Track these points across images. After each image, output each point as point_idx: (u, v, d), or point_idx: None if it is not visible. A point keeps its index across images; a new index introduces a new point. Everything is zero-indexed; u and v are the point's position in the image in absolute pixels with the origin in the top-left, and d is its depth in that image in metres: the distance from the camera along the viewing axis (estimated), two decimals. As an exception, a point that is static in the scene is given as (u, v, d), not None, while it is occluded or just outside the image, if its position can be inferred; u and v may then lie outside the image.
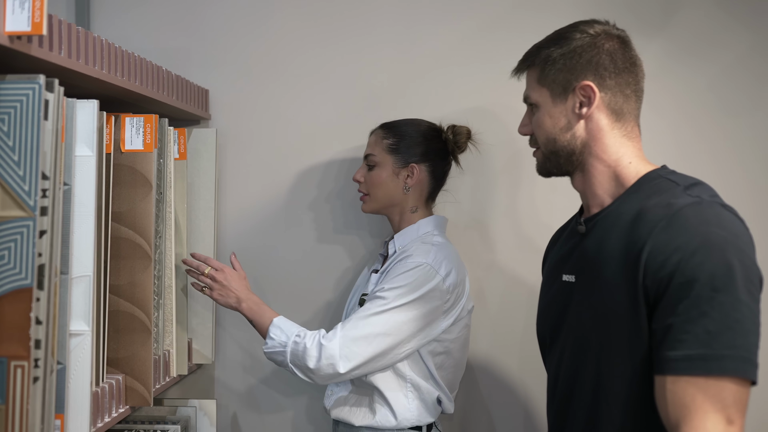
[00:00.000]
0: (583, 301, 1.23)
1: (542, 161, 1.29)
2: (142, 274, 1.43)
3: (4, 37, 1.01)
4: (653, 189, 1.21)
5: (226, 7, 1.92)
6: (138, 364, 1.43)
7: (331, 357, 1.48)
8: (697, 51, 1.81)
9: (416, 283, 1.52)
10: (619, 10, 1.81)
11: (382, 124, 1.72)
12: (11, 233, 1.01)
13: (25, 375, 1.01)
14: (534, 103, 1.26)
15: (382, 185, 1.66)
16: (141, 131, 1.42)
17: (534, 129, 1.28)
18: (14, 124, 1.02)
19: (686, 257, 1.09)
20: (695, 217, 1.12)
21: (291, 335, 1.53)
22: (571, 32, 1.25)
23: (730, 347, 1.05)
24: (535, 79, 1.25)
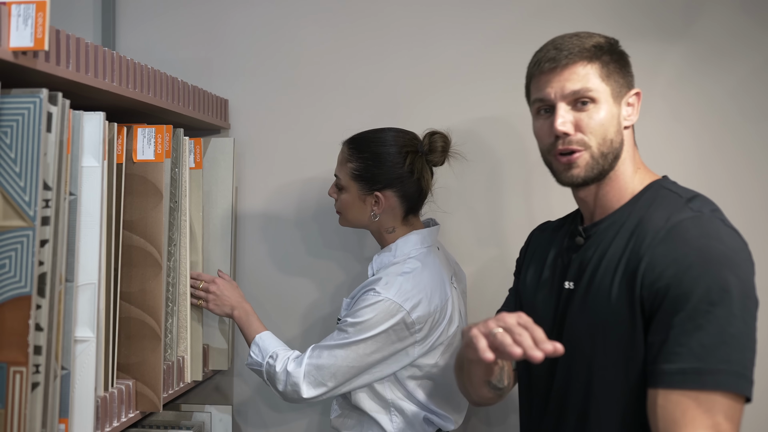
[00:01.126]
0: (580, 309, 1.21)
1: (591, 164, 1.20)
2: (153, 282, 1.45)
3: (8, 53, 1.05)
4: (655, 200, 1.21)
5: (246, 19, 1.95)
6: (148, 369, 1.46)
7: (294, 384, 1.52)
8: (717, 57, 1.76)
9: (377, 319, 1.48)
10: (637, 16, 1.79)
11: (350, 141, 1.62)
12: (12, 242, 1.04)
13: (23, 380, 1.04)
14: (593, 98, 1.18)
15: (350, 209, 1.61)
16: (152, 141, 1.45)
17: (591, 126, 1.18)
18: (16, 137, 1.05)
19: (683, 270, 1.08)
20: (695, 230, 1.11)
21: (266, 356, 1.58)
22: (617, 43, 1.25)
23: (725, 362, 1.03)
24: (597, 74, 1.19)
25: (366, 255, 1.92)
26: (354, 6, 1.91)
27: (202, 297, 1.68)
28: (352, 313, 1.51)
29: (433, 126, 1.68)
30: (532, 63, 1.26)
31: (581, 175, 1.21)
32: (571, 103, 1.20)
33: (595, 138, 1.19)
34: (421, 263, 1.55)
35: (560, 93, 1.20)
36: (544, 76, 1.22)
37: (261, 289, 1.95)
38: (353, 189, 1.59)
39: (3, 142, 1.05)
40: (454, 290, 1.61)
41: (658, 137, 1.78)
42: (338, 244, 1.94)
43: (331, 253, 1.94)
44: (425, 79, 1.89)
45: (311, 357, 1.52)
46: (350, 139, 1.63)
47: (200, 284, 1.68)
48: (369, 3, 1.90)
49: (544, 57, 1.22)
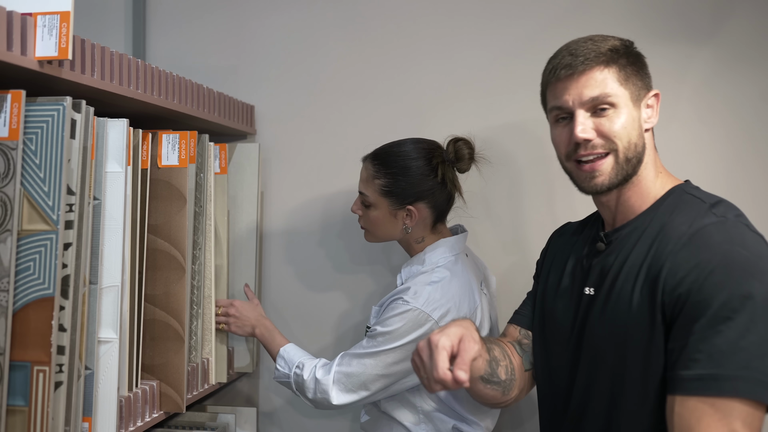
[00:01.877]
0: (600, 315, 1.20)
1: (615, 169, 1.18)
2: (177, 285, 1.48)
3: (33, 62, 1.08)
4: (678, 205, 1.19)
5: (272, 26, 1.98)
6: (172, 371, 1.48)
7: (324, 392, 1.53)
8: (745, 61, 1.73)
9: (405, 328, 1.48)
10: (663, 19, 1.77)
11: (374, 156, 1.60)
12: (36, 246, 1.07)
13: (47, 379, 1.07)
14: (612, 103, 1.17)
15: (380, 226, 1.59)
16: (176, 147, 1.48)
17: (614, 131, 1.17)
18: (41, 143, 1.09)
19: (705, 275, 1.07)
20: (718, 235, 1.10)
21: (292, 367, 1.59)
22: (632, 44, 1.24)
23: (745, 368, 1.01)
24: (615, 79, 1.17)
25: (394, 261, 1.93)
26: (378, 15, 1.92)
27: (222, 321, 1.71)
28: (381, 321, 1.52)
29: (456, 133, 1.68)
30: (547, 70, 1.24)
31: (605, 182, 1.19)
32: (590, 109, 1.18)
33: (621, 142, 1.17)
34: (450, 272, 1.54)
35: (578, 100, 1.18)
36: (560, 83, 1.20)
37: (287, 294, 1.97)
38: (383, 205, 1.57)
39: (28, 148, 1.09)
40: (484, 296, 1.61)
41: (685, 141, 1.76)
42: (366, 250, 1.94)
43: (359, 259, 1.95)
44: (448, 87, 1.89)
45: (340, 364, 1.53)
46: (373, 155, 1.61)
47: (219, 310, 1.71)
48: (393, 12, 1.91)
49: (559, 64, 1.20)
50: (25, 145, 1.09)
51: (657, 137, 1.75)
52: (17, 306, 1.07)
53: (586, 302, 1.24)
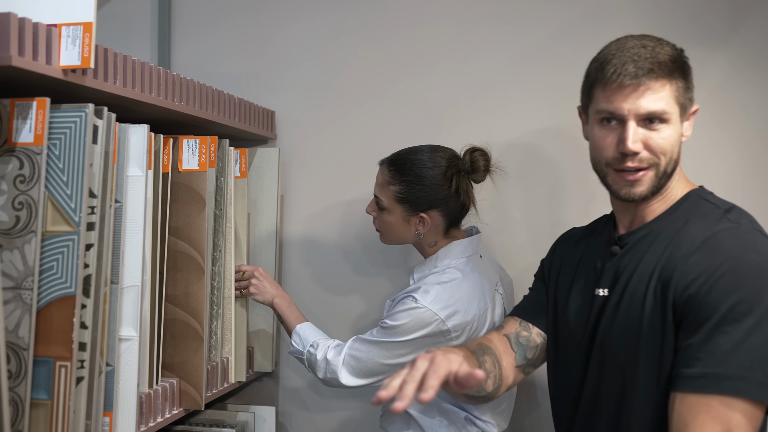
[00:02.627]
0: (613, 316, 1.22)
1: (654, 182, 1.19)
2: (196, 285, 1.53)
3: (58, 71, 1.13)
4: (693, 210, 1.21)
5: (293, 33, 2.02)
6: (191, 369, 1.53)
7: (333, 372, 1.59)
8: (763, 64, 1.72)
9: (411, 326, 1.52)
10: (681, 22, 1.77)
11: (391, 161, 1.62)
12: (59, 246, 1.12)
13: (68, 374, 1.12)
14: (667, 119, 1.16)
15: (393, 230, 1.63)
16: (197, 152, 1.53)
17: (662, 146, 1.16)
18: (64, 148, 1.14)
19: (716, 278, 1.08)
20: (731, 240, 1.12)
21: (306, 345, 1.65)
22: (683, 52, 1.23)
23: (748, 369, 1.03)
24: (672, 94, 1.16)
25: (412, 264, 1.96)
26: (397, 21, 1.95)
27: (243, 286, 1.75)
28: (390, 315, 1.56)
29: (473, 138, 1.70)
30: (604, 70, 1.18)
31: (644, 192, 1.20)
32: (642, 120, 1.17)
33: (665, 158, 1.18)
34: (461, 273, 1.57)
35: (635, 111, 1.16)
36: (619, 88, 1.16)
37: (306, 295, 2.01)
38: (397, 211, 1.60)
39: (52, 153, 1.14)
40: (499, 296, 1.63)
41: (701, 145, 1.75)
42: (384, 253, 1.97)
43: (377, 262, 1.98)
44: (466, 91, 1.91)
45: (351, 348, 1.59)
46: (390, 161, 1.63)
47: (242, 274, 1.75)
48: (411, 17, 1.94)
49: (623, 70, 1.16)
50: (50, 150, 1.14)
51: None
52: (41, 304, 1.12)
53: (600, 303, 1.26)
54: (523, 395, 1.87)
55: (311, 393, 2.02)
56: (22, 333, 1.09)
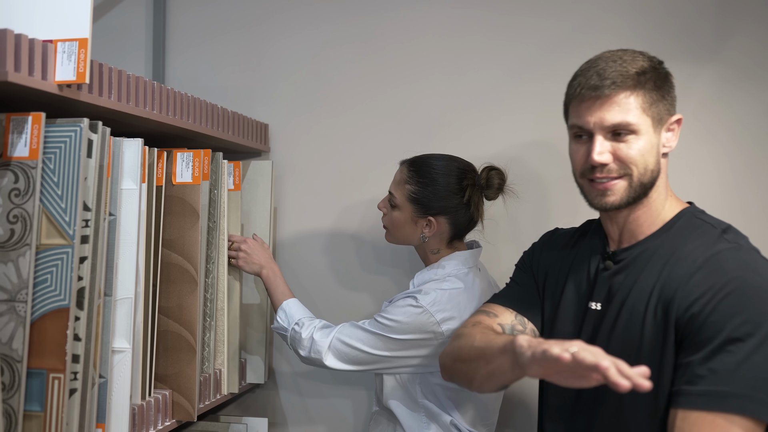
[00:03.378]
0: (611, 332, 1.23)
1: (628, 191, 1.20)
2: (189, 297, 1.54)
3: (53, 86, 1.15)
4: (689, 229, 1.22)
5: (285, 47, 2.05)
6: (184, 380, 1.54)
7: (318, 352, 1.61)
8: (749, 79, 1.75)
9: (408, 326, 1.54)
10: (668, 38, 1.80)
11: (411, 162, 1.66)
12: (53, 259, 1.13)
13: (61, 386, 1.13)
14: (634, 130, 1.17)
15: (400, 228, 1.66)
16: (190, 165, 1.54)
17: (631, 157, 1.18)
18: (59, 162, 1.15)
19: (720, 298, 1.10)
20: (733, 261, 1.14)
21: (291, 323, 1.67)
22: (661, 65, 1.24)
23: (752, 388, 1.05)
24: (639, 105, 1.17)
25: (406, 278, 1.97)
26: (388, 34, 1.98)
27: (233, 256, 1.76)
28: (388, 310, 1.59)
29: (465, 150, 1.73)
30: (573, 85, 1.23)
31: (616, 202, 1.21)
32: (609, 133, 1.18)
33: (637, 168, 1.18)
34: (463, 282, 1.60)
35: (600, 124, 1.18)
36: (584, 103, 1.20)
37: (298, 306, 2.02)
38: (407, 210, 1.64)
39: (47, 167, 1.15)
40: None
41: (689, 159, 1.78)
42: (378, 265, 1.99)
43: (371, 275, 2.00)
44: (457, 104, 1.94)
45: (341, 333, 1.61)
46: (411, 162, 1.66)
47: (232, 245, 1.76)
48: (404, 31, 1.97)
49: (586, 83, 1.19)
50: (44, 164, 1.15)
51: (661, 155, 1.79)
52: (35, 316, 1.13)
53: (594, 317, 1.26)
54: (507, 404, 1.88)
55: (304, 405, 2.02)
56: (16, 345, 1.10)
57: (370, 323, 1.60)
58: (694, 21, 1.79)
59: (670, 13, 1.81)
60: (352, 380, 1.99)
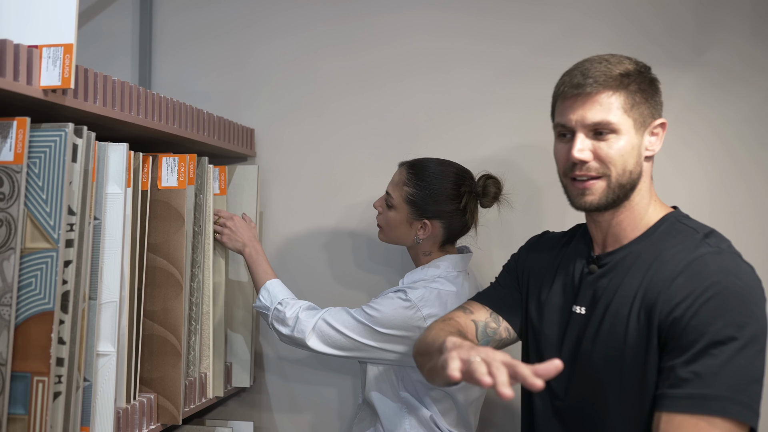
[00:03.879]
0: (595, 336, 1.24)
1: (607, 192, 1.21)
2: (174, 301, 1.55)
3: (38, 91, 1.16)
4: (672, 233, 1.23)
5: (270, 52, 2.06)
6: (169, 384, 1.54)
7: (302, 332, 1.61)
8: (729, 84, 1.78)
9: (393, 318, 1.56)
10: (649, 45, 1.83)
11: (411, 164, 1.68)
12: (37, 263, 1.14)
13: (46, 389, 1.13)
14: (615, 130, 1.19)
15: (394, 228, 1.67)
16: (176, 170, 1.55)
17: (610, 156, 1.19)
18: (44, 167, 1.16)
19: (702, 302, 1.12)
20: (714, 265, 1.15)
21: (274, 302, 1.67)
22: (648, 70, 1.26)
23: (734, 391, 1.07)
24: (620, 105, 1.19)
25: (392, 280, 1.99)
26: (373, 37, 2.00)
27: (218, 231, 1.77)
28: (377, 301, 1.60)
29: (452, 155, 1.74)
30: (558, 84, 1.26)
31: (595, 202, 1.22)
32: (591, 131, 1.20)
33: (615, 168, 1.20)
34: (453, 285, 1.62)
35: (581, 122, 1.20)
36: (568, 101, 1.22)
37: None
38: (403, 211, 1.65)
39: (32, 171, 1.16)
40: None
41: (670, 163, 1.81)
42: (363, 267, 2.01)
43: (356, 279, 2.01)
44: (443, 108, 1.96)
45: (328, 315, 1.62)
46: (411, 164, 1.68)
47: (218, 220, 1.77)
48: (388, 34, 1.99)
49: (570, 82, 1.22)
50: (29, 169, 1.16)
51: (642, 160, 1.81)
52: (19, 320, 1.14)
53: (578, 321, 1.27)
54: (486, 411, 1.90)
55: (289, 408, 2.03)
56: (0, 348, 1.10)
57: (357, 311, 1.61)
58: (675, 27, 1.82)
59: (652, 19, 1.84)
60: (338, 384, 2.01)
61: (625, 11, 1.85)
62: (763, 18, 1.78)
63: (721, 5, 1.80)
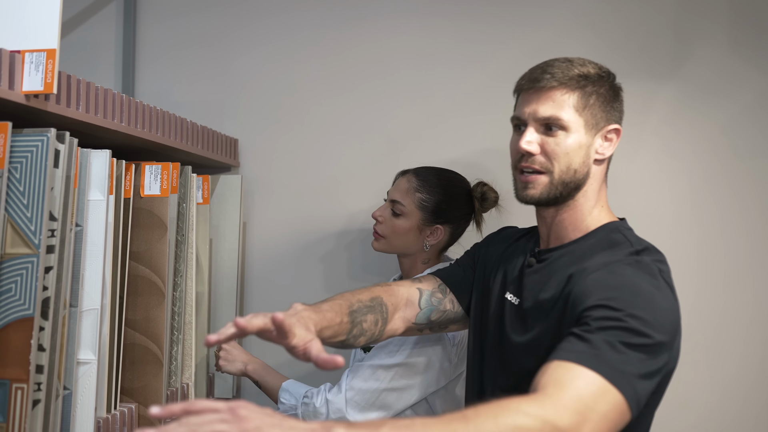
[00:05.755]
0: (521, 324, 1.26)
1: (548, 188, 1.23)
2: (156, 310, 1.53)
3: (20, 96, 1.15)
4: (606, 241, 1.24)
5: (255, 64, 2.07)
6: (150, 394, 1.53)
7: (338, 411, 1.56)
8: (708, 96, 1.82)
9: (422, 341, 1.55)
10: (627, 57, 1.85)
11: (417, 171, 1.68)
12: (18, 268, 1.13)
13: (24, 397, 1.12)
14: (564, 126, 1.21)
15: (403, 236, 1.66)
16: (159, 178, 1.54)
17: (556, 153, 1.22)
18: (25, 172, 1.15)
19: (610, 292, 1.11)
20: (630, 268, 1.16)
21: (299, 398, 1.61)
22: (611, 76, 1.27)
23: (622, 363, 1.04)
24: (573, 104, 1.21)
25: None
26: (358, 48, 2.01)
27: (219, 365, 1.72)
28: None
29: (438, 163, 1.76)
30: (520, 79, 1.28)
31: (536, 196, 1.24)
32: (542, 125, 1.23)
33: (558, 165, 1.22)
34: None
35: (533, 115, 1.23)
36: (525, 93, 1.26)
37: (267, 321, 2.02)
38: (415, 218, 1.65)
39: (13, 176, 1.15)
40: None
41: (650, 172, 1.83)
42: (347, 278, 2.00)
43: (338, 289, 2.01)
44: (426, 120, 1.97)
45: (353, 381, 1.57)
46: (417, 171, 1.68)
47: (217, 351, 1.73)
48: (373, 45, 2.01)
49: (529, 76, 1.25)
50: (10, 174, 1.15)
51: (623, 169, 1.84)
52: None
53: (511, 309, 1.30)
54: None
55: (272, 419, 2.02)
56: (-21, 355, 1.09)
57: (379, 356, 1.57)
58: (653, 40, 1.85)
59: (630, 32, 1.86)
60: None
61: (603, 25, 1.88)
62: (739, 30, 1.81)
63: (698, 18, 1.83)
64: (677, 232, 1.82)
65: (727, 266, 1.79)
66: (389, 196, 1.70)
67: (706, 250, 1.79)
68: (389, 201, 1.69)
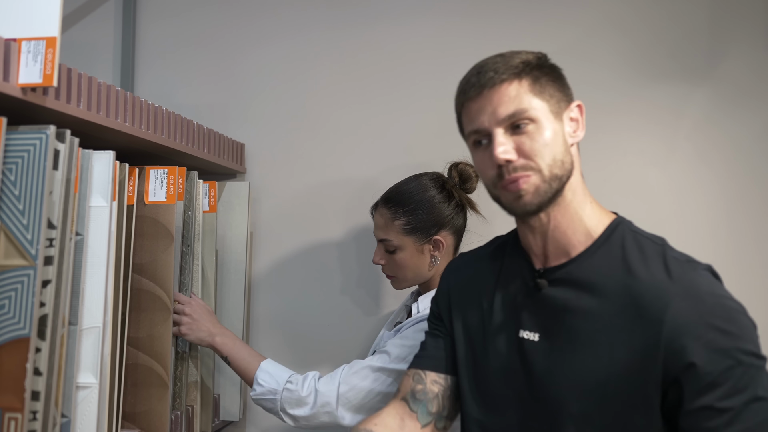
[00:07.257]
0: (557, 366, 1.08)
1: (542, 187, 1.06)
2: (161, 327, 1.41)
3: (16, 89, 1.03)
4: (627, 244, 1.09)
5: (262, 64, 1.95)
6: (154, 419, 1.40)
7: (326, 404, 1.42)
8: (743, 99, 1.71)
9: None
10: (662, 58, 1.75)
11: (385, 201, 1.55)
12: (12, 282, 1.00)
13: (19, 427, 0.99)
14: (531, 118, 1.05)
15: (410, 267, 1.53)
16: (164, 183, 1.42)
17: (535, 150, 1.05)
18: (21, 174, 1.03)
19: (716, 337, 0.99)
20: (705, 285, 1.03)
21: (282, 381, 1.46)
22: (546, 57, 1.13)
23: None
24: (528, 90, 1.06)
25: (383, 305, 1.87)
26: (370, 49, 1.90)
27: (176, 321, 1.49)
28: (405, 335, 1.45)
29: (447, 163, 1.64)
30: (458, 94, 1.13)
31: (534, 201, 1.07)
32: (508, 127, 1.06)
33: (543, 160, 1.05)
34: None
35: (494, 119, 1.06)
36: (473, 104, 1.09)
37: (276, 339, 1.90)
38: (409, 243, 1.52)
39: (7, 179, 1.03)
40: None
41: (684, 179, 1.73)
42: (358, 289, 1.89)
43: (349, 302, 1.89)
44: (439, 124, 1.85)
45: (348, 374, 1.44)
46: (384, 200, 1.56)
47: (176, 305, 1.50)
48: (385, 46, 1.89)
49: (468, 83, 1.10)
50: (5, 176, 1.03)
51: (657, 176, 1.74)
52: (-11, 348, 1.00)
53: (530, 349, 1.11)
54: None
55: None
56: (-33, 381, 0.96)
57: (380, 359, 1.44)
58: (687, 41, 1.75)
59: (662, 33, 1.76)
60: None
61: (634, 23, 1.78)
62: (778, 30, 1.72)
63: (734, 17, 1.74)
64: (713, 241, 1.71)
65: (764, 277, 1.69)
66: (376, 237, 1.57)
67: (743, 261, 1.69)
68: (378, 242, 1.57)
